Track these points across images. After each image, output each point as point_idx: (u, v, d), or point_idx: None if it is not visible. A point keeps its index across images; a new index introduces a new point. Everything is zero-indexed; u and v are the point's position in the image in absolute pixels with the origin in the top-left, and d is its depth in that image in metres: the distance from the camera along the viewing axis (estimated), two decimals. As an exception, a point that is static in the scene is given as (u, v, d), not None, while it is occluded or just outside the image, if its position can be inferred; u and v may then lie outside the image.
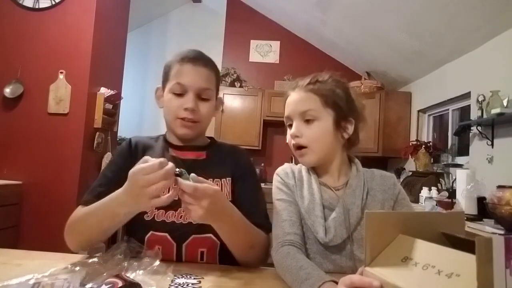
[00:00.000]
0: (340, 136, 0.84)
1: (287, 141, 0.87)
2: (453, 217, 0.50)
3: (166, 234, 0.81)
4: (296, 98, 0.85)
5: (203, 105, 0.85)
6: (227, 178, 0.88)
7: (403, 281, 0.40)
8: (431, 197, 2.67)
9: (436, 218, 0.49)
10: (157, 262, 0.63)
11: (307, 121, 0.82)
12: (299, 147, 0.83)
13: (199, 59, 0.85)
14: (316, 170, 0.88)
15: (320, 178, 0.87)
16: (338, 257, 0.78)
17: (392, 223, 0.47)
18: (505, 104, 2.25)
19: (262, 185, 0.99)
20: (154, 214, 0.82)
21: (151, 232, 0.81)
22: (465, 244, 0.41)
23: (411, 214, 0.51)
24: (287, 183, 0.86)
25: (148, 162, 0.61)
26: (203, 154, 0.90)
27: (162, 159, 0.61)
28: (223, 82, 4.15)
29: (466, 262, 0.36)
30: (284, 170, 0.90)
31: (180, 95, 0.83)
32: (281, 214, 0.81)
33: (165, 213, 0.82)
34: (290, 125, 0.86)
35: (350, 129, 0.85)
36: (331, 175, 0.87)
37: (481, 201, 1.96)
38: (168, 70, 0.87)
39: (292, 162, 0.87)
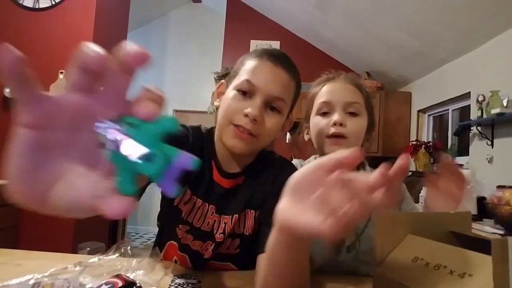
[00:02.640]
0: (364, 140, 0.84)
1: (318, 127, 0.81)
2: (460, 217, 0.51)
3: (186, 256, 0.75)
4: (342, 87, 0.82)
5: (270, 117, 0.67)
6: (251, 210, 0.73)
7: (415, 282, 0.40)
8: (431, 197, 2.66)
9: (443, 217, 0.50)
10: (157, 262, 0.63)
11: (350, 114, 0.79)
12: (337, 136, 0.78)
13: (282, 59, 0.68)
14: None
15: None
16: (344, 258, 0.78)
17: (401, 223, 0.47)
18: (505, 104, 2.25)
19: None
20: (182, 236, 0.74)
21: (176, 244, 0.75)
22: (473, 243, 0.41)
23: (419, 214, 0.51)
24: None
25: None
26: (241, 179, 0.74)
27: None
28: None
29: (478, 262, 0.36)
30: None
31: (245, 95, 0.66)
32: None
33: (192, 240, 0.73)
34: (324, 113, 0.81)
35: (373, 136, 0.86)
36: None
37: (481, 201, 1.96)
38: (240, 64, 0.71)
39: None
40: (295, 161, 0.90)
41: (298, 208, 0.36)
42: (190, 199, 0.72)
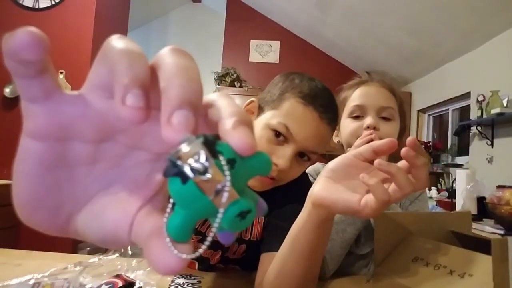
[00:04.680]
0: None
1: (349, 130, 0.78)
2: (460, 217, 0.51)
3: (196, 263, 0.76)
4: (377, 91, 0.80)
5: (298, 165, 0.63)
6: (259, 217, 0.70)
7: (415, 282, 0.40)
8: (431, 197, 2.67)
9: (444, 218, 0.50)
10: (157, 262, 0.63)
11: (383, 118, 0.77)
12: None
13: (329, 110, 0.62)
14: None
15: None
16: (359, 263, 0.78)
17: (401, 223, 0.48)
18: (505, 104, 2.25)
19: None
20: (193, 246, 0.72)
21: None
22: (473, 243, 0.41)
23: (419, 214, 0.51)
24: None
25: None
26: None
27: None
28: (223, 82, 4.14)
29: (478, 262, 0.36)
30: (316, 170, 0.85)
31: (279, 137, 0.61)
32: None
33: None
34: (356, 116, 0.78)
35: (403, 141, 0.84)
36: None
37: (481, 201, 1.96)
38: (279, 91, 0.64)
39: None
40: (318, 165, 0.88)
41: (337, 187, 0.42)
42: None
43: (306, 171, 0.84)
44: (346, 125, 0.80)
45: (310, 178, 0.82)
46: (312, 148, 0.62)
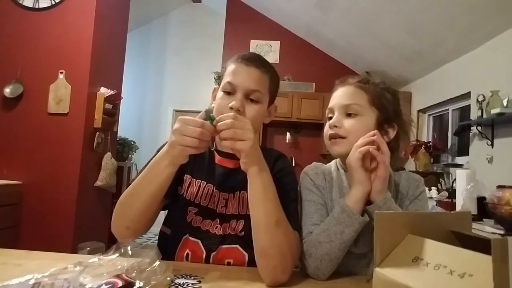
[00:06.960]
0: (382, 134, 0.81)
1: (324, 133, 0.86)
2: (460, 217, 0.51)
3: (199, 241, 0.82)
4: (343, 92, 0.85)
5: (250, 107, 0.80)
6: None
7: (415, 282, 0.40)
8: (431, 197, 2.67)
9: (444, 218, 0.50)
10: (157, 262, 0.63)
11: (349, 115, 0.82)
12: (335, 137, 0.81)
13: (253, 60, 0.83)
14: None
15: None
16: (360, 263, 0.78)
17: (401, 223, 0.47)
18: (505, 104, 2.25)
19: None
20: (192, 219, 0.83)
21: (187, 234, 0.82)
22: (474, 243, 0.41)
23: (419, 214, 0.51)
24: (318, 185, 0.84)
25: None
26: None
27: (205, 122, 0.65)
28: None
29: (479, 262, 0.36)
30: (314, 170, 0.87)
31: (229, 94, 0.81)
32: (311, 217, 0.79)
33: (202, 220, 0.82)
34: (330, 118, 0.85)
35: (391, 133, 0.83)
36: None
37: (481, 201, 1.96)
38: (224, 70, 0.86)
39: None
40: (315, 164, 0.90)
41: None
42: (191, 183, 0.85)
43: (304, 170, 0.88)
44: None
45: (306, 178, 0.86)
46: (251, 87, 0.80)
